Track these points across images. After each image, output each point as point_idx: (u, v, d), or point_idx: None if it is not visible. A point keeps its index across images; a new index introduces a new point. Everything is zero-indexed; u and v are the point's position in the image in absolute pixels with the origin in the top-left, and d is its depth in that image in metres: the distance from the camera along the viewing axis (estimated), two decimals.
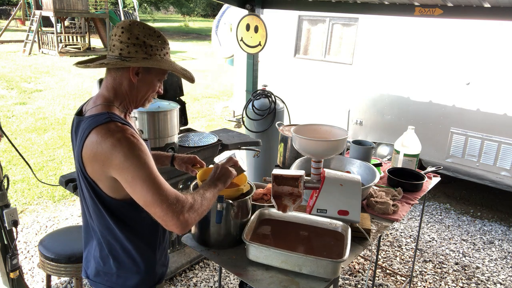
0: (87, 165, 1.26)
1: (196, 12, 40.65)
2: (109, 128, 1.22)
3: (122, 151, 1.19)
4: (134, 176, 1.19)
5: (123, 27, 1.29)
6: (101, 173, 1.25)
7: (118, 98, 1.35)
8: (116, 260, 1.40)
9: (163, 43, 1.34)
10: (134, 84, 1.34)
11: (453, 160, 4.44)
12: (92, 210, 1.35)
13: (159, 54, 1.33)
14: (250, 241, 1.56)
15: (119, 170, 1.20)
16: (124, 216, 1.35)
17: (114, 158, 1.19)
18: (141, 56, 1.29)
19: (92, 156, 1.22)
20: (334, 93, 5.35)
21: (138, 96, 1.38)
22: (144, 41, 1.29)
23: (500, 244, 3.84)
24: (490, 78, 4.07)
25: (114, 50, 1.30)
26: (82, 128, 1.27)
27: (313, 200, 1.77)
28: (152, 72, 1.35)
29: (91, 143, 1.22)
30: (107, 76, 1.36)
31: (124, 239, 1.37)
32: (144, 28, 1.31)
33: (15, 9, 19.08)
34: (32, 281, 3.01)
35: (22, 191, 4.43)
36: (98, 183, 1.28)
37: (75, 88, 9.76)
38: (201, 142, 3.01)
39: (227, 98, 9.41)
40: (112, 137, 1.20)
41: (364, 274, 3.29)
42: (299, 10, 4.84)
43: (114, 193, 1.30)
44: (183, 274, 3.14)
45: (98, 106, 1.31)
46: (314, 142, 1.72)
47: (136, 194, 1.21)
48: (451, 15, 3.12)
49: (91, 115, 1.29)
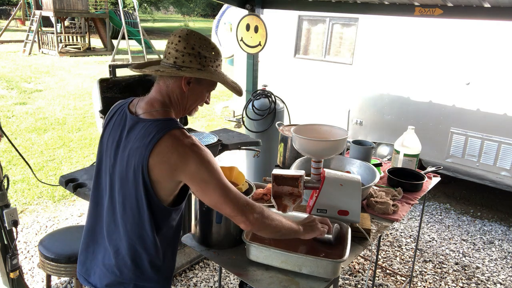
0: (153, 168, 1.25)
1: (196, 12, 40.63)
2: (182, 134, 1.27)
3: (198, 159, 1.25)
4: (208, 182, 1.27)
5: (180, 36, 1.31)
6: (168, 177, 1.27)
7: (172, 104, 1.37)
8: (138, 269, 1.37)
9: (217, 55, 1.36)
10: (185, 93, 1.36)
11: (453, 160, 4.44)
12: (131, 214, 1.33)
13: (212, 65, 1.35)
14: (250, 241, 1.56)
15: (192, 175, 1.26)
16: (162, 222, 1.37)
17: (190, 165, 1.24)
18: (195, 67, 1.32)
19: (166, 160, 1.24)
20: (334, 93, 5.35)
21: (187, 104, 1.40)
22: (199, 52, 1.31)
23: (500, 244, 3.84)
24: (490, 78, 4.07)
25: (169, 58, 1.33)
26: (148, 130, 1.27)
27: (313, 200, 1.77)
28: (203, 83, 1.37)
29: (166, 147, 1.24)
30: (159, 82, 1.37)
31: (153, 247, 1.36)
32: (200, 39, 1.33)
33: (15, 9, 19.08)
34: (32, 281, 3.01)
35: (22, 191, 4.43)
36: (157, 186, 1.29)
37: (75, 88, 9.75)
38: (201, 142, 3.00)
39: (227, 98, 9.40)
40: (187, 145, 1.25)
41: (364, 274, 3.29)
42: (299, 10, 4.84)
43: (167, 198, 1.33)
44: (183, 274, 3.14)
45: (158, 110, 1.33)
46: (314, 142, 1.72)
47: (207, 197, 1.31)
48: (451, 15, 3.12)
49: (157, 119, 1.30)
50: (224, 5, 8.25)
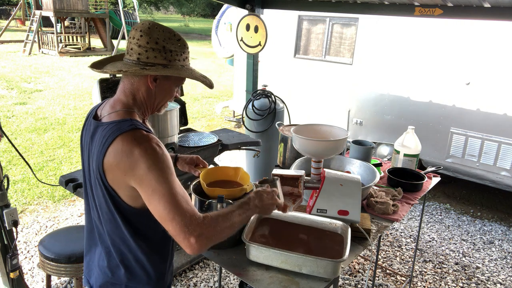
0: (108, 173, 1.21)
1: (196, 12, 40.64)
2: (134, 136, 1.19)
3: (147, 163, 1.15)
4: (154, 190, 1.15)
5: (142, 30, 1.24)
6: (122, 182, 1.21)
7: (137, 104, 1.31)
8: (127, 270, 1.35)
9: (183, 47, 1.29)
10: (152, 90, 1.30)
11: (453, 160, 4.44)
12: (107, 218, 1.30)
13: (179, 59, 1.28)
14: (250, 241, 1.56)
15: (140, 181, 1.17)
16: (140, 225, 1.31)
17: (138, 169, 1.16)
18: (160, 62, 1.25)
19: (116, 164, 1.19)
20: (334, 93, 5.35)
21: (155, 102, 1.35)
22: (163, 46, 1.25)
23: (500, 244, 3.84)
24: (490, 78, 4.07)
25: (132, 54, 1.26)
26: (103, 134, 1.23)
27: (313, 200, 1.77)
28: (171, 79, 1.31)
29: (116, 151, 1.18)
30: (123, 80, 1.31)
31: (137, 249, 1.33)
32: (164, 31, 1.25)
33: (15, 9, 19.08)
34: (32, 281, 3.01)
35: (22, 191, 4.43)
36: (118, 191, 1.24)
37: (75, 88, 9.75)
38: (201, 142, 3.01)
39: (227, 98, 9.41)
40: (139, 147, 1.16)
41: (364, 274, 3.29)
42: (299, 10, 4.84)
43: (133, 202, 1.26)
44: (183, 274, 3.14)
45: (118, 111, 1.27)
46: (314, 142, 1.72)
47: (152, 206, 1.18)
48: (451, 15, 3.12)
49: (113, 121, 1.24)
50: (224, 5, 8.25)
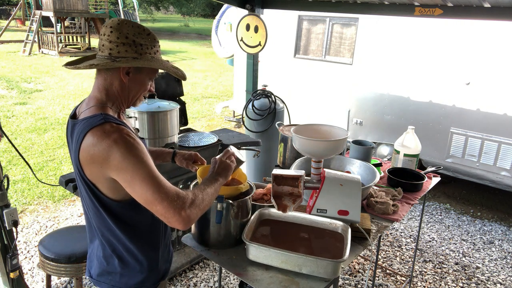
0: (85, 168, 1.25)
1: (196, 12, 40.62)
2: (104, 129, 1.21)
3: (120, 151, 1.18)
4: (133, 175, 1.18)
5: (112, 26, 1.27)
6: (100, 175, 1.24)
7: (110, 98, 1.33)
8: (120, 260, 1.40)
9: (153, 41, 1.32)
10: (125, 84, 1.32)
11: (453, 160, 4.44)
12: (92, 212, 1.35)
13: (149, 52, 1.31)
14: (250, 241, 1.56)
15: (117, 170, 1.19)
16: (125, 217, 1.35)
17: (112, 159, 1.18)
18: (131, 56, 1.28)
19: (90, 158, 1.22)
20: (334, 93, 5.35)
21: (129, 95, 1.37)
22: (133, 40, 1.27)
23: (500, 244, 3.84)
24: (490, 78, 4.07)
25: (104, 50, 1.29)
26: (77, 131, 1.27)
27: (313, 200, 1.77)
28: (143, 72, 1.34)
29: (87, 145, 1.21)
30: (97, 77, 1.34)
31: (126, 239, 1.37)
32: (133, 26, 1.28)
33: (15, 9, 19.08)
34: (32, 281, 3.01)
35: (22, 191, 4.43)
36: (97, 185, 1.28)
37: (75, 88, 9.75)
38: (201, 142, 3.01)
39: (227, 98, 9.41)
40: (108, 138, 1.19)
41: (364, 274, 3.29)
42: (299, 10, 4.84)
43: (114, 194, 1.30)
44: (183, 274, 3.14)
45: (91, 108, 1.30)
46: (314, 142, 1.72)
47: (136, 193, 1.21)
48: (451, 15, 3.12)
49: (85, 118, 1.27)
50: (224, 5, 8.25)
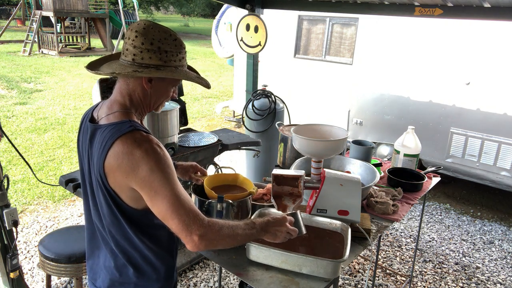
0: (109, 175, 1.21)
1: (196, 12, 40.62)
2: (135, 137, 1.18)
3: (149, 164, 1.15)
4: (157, 191, 1.16)
5: (137, 30, 1.23)
6: (124, 184, 1.21)
7: (134, 104, 1.30)
8: (136, 269, 1.35)
9: (179, 47, 1.28)
10: (147, 91, 1.30)
11: (453, 160, 4.44)
12: (109, 220, 1.30)
13: (174, 59, 1.27)
14: (250, 241, 1.56)
15: (143, 183, 1.17)
16: (145, 225, 1.31)
17: (141, 171, 1.16)
18: (155, 63, 1.24)
19: (117, 166, 1.18)
20: (334, 93, 5.35)
21: (151, 102, 1.34)
22: (159, 47, 1.23)
23: (500, 244, 3.84)
24: (490, 78, 4.07)
25: (127, 55, 1.25)
26: (103, 136, 1.22)
27: (313, 200, 1.77)
28: (166, 80, 1.31)
29: (116, 153, 1.17)
30: (119, 81, 1.31)
31: (144, 248, 1.33)
32: (159, 31, 1.24)
33: (15, 9, 19.08)
34: (32, 281, 3.01)
35: (22, 191, 4.43)
36: (120, 193, 1.24)
37: (75, 88, 9.76)
38: (201, 142, 3.01)
39: (227, 98, 9.41)
40: (139, 148, 1.16)
41: (364, 274, 3.29)
42: (299, 10, 4.84)
43: (136, 204, 1.26)
44: (183, 274, 3.14)
45: (115, 113, 1.26)
46: (314, 142, 1.72)
47: (154, 207, 1.19)
48: (451, 15, 3.12)
49: (111, 123, 1.23)
50: (224, 5, 8.24)
